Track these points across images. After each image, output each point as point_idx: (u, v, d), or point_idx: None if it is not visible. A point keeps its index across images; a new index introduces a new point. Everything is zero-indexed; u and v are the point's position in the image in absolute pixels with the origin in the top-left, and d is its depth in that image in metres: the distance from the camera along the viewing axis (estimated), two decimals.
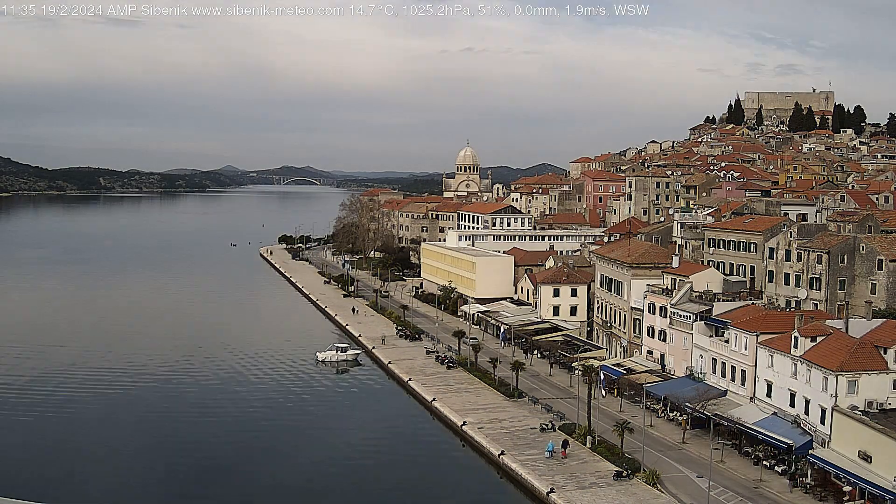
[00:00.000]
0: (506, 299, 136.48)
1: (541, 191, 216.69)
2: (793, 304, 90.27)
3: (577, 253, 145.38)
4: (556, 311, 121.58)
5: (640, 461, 69.19)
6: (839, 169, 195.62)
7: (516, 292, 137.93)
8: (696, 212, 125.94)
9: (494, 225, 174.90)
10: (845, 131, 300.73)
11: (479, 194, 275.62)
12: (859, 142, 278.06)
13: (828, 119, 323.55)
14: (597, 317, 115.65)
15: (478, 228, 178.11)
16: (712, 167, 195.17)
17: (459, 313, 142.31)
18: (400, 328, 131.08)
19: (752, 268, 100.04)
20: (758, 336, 75.32)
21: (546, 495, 64.82)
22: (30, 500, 20.44)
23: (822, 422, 65.47)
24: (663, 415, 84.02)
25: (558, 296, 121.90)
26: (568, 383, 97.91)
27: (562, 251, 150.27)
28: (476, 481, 71.83)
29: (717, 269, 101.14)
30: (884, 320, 73.57)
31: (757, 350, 75.21)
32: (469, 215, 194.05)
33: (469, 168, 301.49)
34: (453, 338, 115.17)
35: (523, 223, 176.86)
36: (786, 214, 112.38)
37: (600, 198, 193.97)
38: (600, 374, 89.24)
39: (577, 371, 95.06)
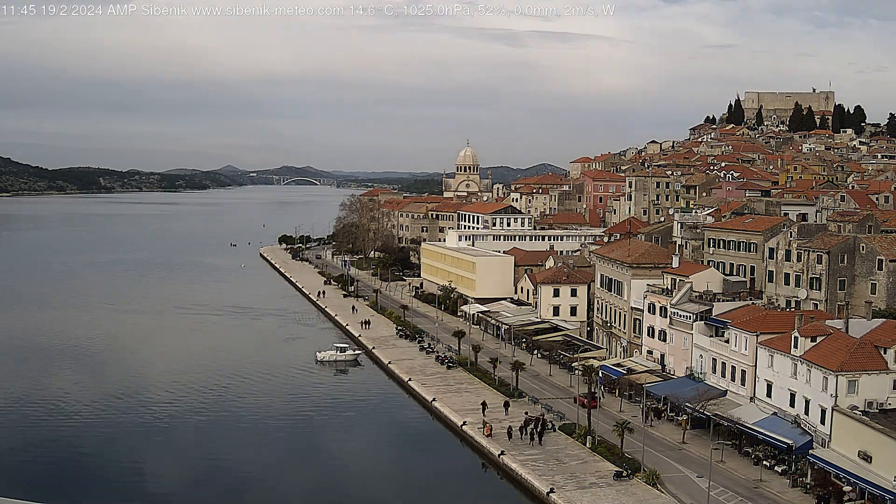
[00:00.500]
0: (506, 299, 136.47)
1: (541, 191, 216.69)
2: (793, 304, 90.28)
3: (577, 253, 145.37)
4: (556, 311, 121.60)
5: (640, 461, 69.22)
6: (839, 169, 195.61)
7: (516, 292, 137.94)
8: (696, 212, 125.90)
9: (494, 225, 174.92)
10: (845, 131, 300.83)
11: (479, 194, 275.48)
12: (859, 142, 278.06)
13: (828, 119, 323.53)
14: (597, 317, 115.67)
15: (478, 228, 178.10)
16: (712, 167, 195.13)
17: (459, 313, 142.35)
18: (400, 328, 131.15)
19: (752, 268, 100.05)
20: (758, 336, 75.32)
21: (546, 495, 64.84)
22: (30, 501, 20.38)
23: (822, 422, 65.47)
24: (663, 415, 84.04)
25: (558, 296, 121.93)
26: (568, 383, 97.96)
27: (562, 251, 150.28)
28: (476, 481, 71.82)
29: (717, 269, 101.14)
30: (884, 320, 73.55)
31: (757, 350, 75.21)
32: (469, 215, 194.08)
33: (469, 168, 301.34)
34: (453, 338, 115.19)
35: (523, 223, 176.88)
36: (786, 214, 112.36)
37: (600, 198, 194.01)
38: (600, 375, 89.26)
39: (577, 371, 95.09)
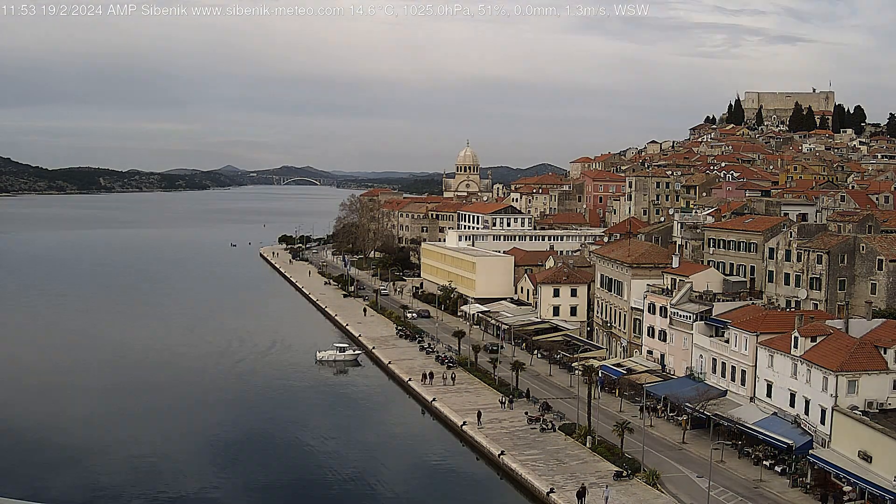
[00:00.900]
0: (506, 299, 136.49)
1: (541, 191, 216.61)
2: (793, 304, 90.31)
3: (577, 253, 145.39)
4: (556, 311, 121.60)
5: (640, 461, 69.23)
6: (839, 169, 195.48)
7: (516, 292, 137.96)
8: (696, 212, 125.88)
9: (494, 225, 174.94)
10: (845, 131, 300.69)
11: (479, 194, 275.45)
12: (859, 142, 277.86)
13: (828, 119, 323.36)
14: (597, 317, 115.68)
15: (478, 228, 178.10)
16: (712, 167, 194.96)
17: (459, 313, 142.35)
18: (400, 328, 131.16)
19: (752, 268, 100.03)
20: (758, 336, 75.33)
21: (546, 495, 64.85)
22: (30, 501, 20.39)
23: (822, 422, 65.48)
24: (662, 415, 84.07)
25: (558, 296, 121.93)
26: (568, 383, 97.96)
27: (562, 251, 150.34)
28: (476, 481, 71.82)
29: (717, 269, 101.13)
30: (884, 320, 73.55)
31: (757, 350, 75.22)
32: (469, 215, 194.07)
33: (469, 168, 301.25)
34: (453, 338, 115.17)
35: (523, 223, 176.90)
36: (786, 214, 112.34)
37: (600, 198, 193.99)
38: (600, 374, 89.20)
39: (577, 371, 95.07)
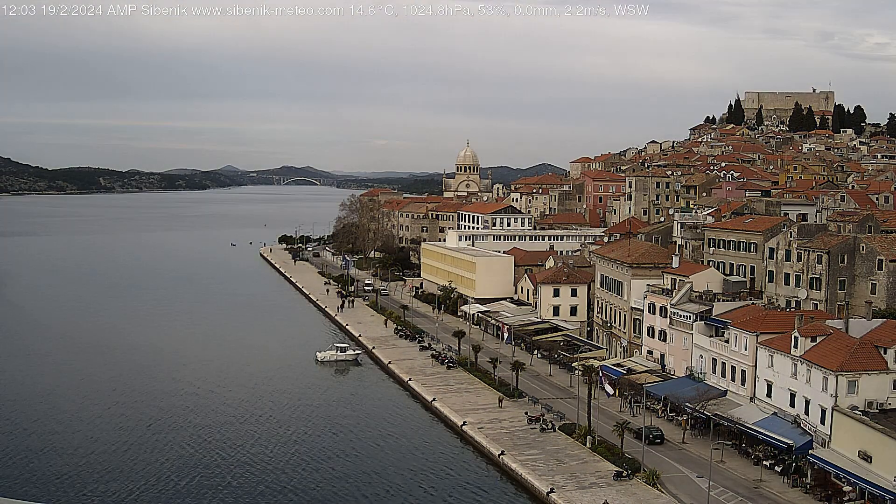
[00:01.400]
0: (506, 299, 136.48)
1: (541, 191, 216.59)
2: (793, 304, 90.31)
3: (577, 253, 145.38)
4: (556, 311, 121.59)
5: (641, 461, 69.23)
6: (839, 169, 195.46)
7: (516, 292, 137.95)
8: (696, 212, 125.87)
9: (494, 225, 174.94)
10: (845, 131, 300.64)
11: (479, 194, 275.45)
12: (859, 142, 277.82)
13: (828, 119, 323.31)
14: (597, 317, 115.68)
15: (478, 228, 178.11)
16: (712, 167, 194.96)
17: (459, 313, 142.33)
18: (400, 328, 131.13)
19: (752, 268, 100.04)
20: (758, 336, 75.34)
21: (546, 495, 64.86)
22: (30, 500, 20.45)
23: (822, 422, 65.50)
24: (663, 415, 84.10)
25: (558, 296, 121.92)
26: (568, 383, 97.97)
27: (562, 251, 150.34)
28: (476, 481, 71.81)
29: (717, 269, 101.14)
30: (884, 320, 73.57)
31: (757, 350, 75.23)
32: (469, 215, 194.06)
33: (469, 168, 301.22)
34: (453, 338, 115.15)
35: (523, 223, 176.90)
36: (786, 214, 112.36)
37: (600, 198, 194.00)
38: (599, 374, 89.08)
39: (577, 371, 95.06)
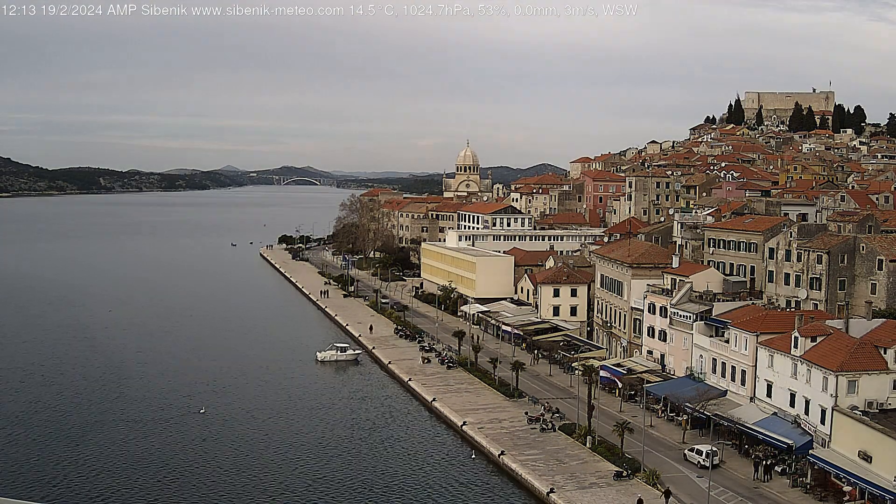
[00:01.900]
0: (506, 299, 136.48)
1: (541, 191, 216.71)
2: (793, 304, 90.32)
3: (577, 253, 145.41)
4: (556, 311, 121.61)
5: (640, 461, 69.22)
6: (839, 169, 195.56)
7: (516, 292, 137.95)
8: (696, 212, 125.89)
9: (494, 225, 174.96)
10: (845, 131, 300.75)
11: (479, 194, 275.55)
12: (859, 142, 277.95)
13: (828, 119, 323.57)
14: (597, 317, 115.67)
15: (478, 228, 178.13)
16: (712, 167, 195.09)
17: (459, 313, 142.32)
18: (400, 328, 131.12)
19: (752, 268, 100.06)
20: (758, 336, 75.33)
21: (546, 495, 64.85)
22: (30, 500, 20.42)
23: (822, 422, 65.48)
24: (663, 415, 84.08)
25: (558, 296, 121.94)
26: (568, 383, 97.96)
27: (562, 251, 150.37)
28: (476, 481, 71.77)
29: (717, 269, 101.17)
30: (884, 320, 73.56)
31: (757, 350, 75.22)
32: (469, 215, 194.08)
33: (469, 168, 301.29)
34: (453, 338, 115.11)
35: (523, 223, 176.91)
36: (786, 214, 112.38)
37: (600, 198, 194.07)
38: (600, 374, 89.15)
39: (577, 371, 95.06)
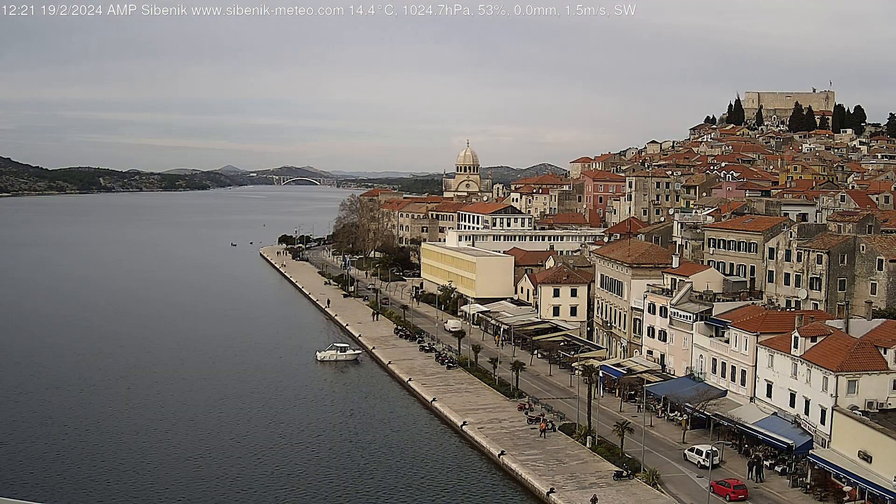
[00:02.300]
0: (506, 299, 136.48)
1: (541, 191, 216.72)
2: (793, 304, 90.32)
3: (577, 253, 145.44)
4: (556, 311, 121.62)
5: (640, 461, 69.21)
6: (839, 169, 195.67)
7: (516, 292, 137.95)
8: (696, 212, 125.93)
9: (494, 225, 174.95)
10: (845, 131, 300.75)
11: (479, 194, 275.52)
12: (859, 142, 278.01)
13: (828, 119, 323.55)
14: (597, 317, 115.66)
15: (478, 228, 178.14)
16: (712, 167, 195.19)
17: (459, 313, 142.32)
18: (399, 328, 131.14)
19: (752, 268, 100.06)
20: (758, 336, 75.31)
21: (546, 495, 64.85)
22: (30, 500, 20.43)
23: (822, 422, 65.46)
24: (663, 415, 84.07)
25: (558, 296, 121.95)
26: (568, 383, 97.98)
27: (562, 251, 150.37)
28: (476, 481, 71.80)
29: (717, 269, 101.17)
30: (884, 320, 73.57)
31: (757, 350, 75.21)
32: (469, 215, 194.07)
33: (469, 168, 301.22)
34: (453, 338, 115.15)
35: (523, 223, 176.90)
36: (786, 214, 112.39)
37: (600, 198, 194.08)
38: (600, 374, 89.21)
39: (577, 371, 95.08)
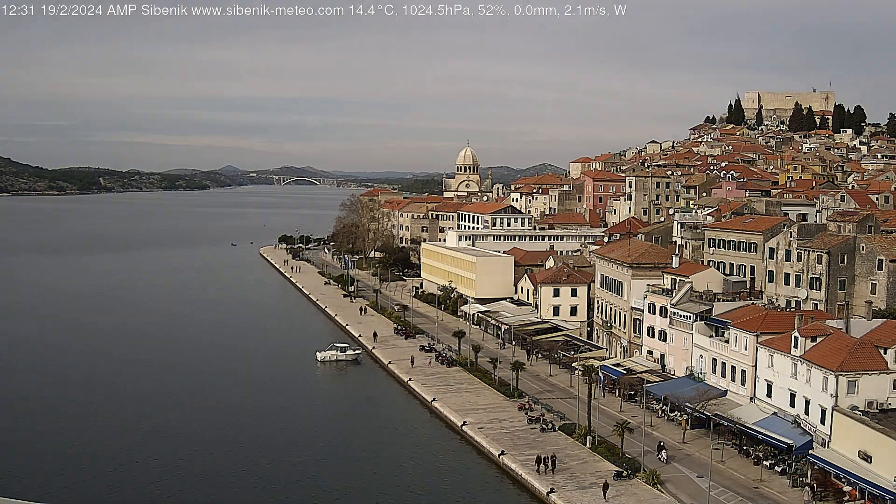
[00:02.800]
0: (506, 299, 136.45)
1: (541, 191, 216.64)
2: (793, 304, 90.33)
3: (577, 253, 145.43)
4: (556, 311, 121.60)
5: (640, 461, 69.22)
6: (839, 169, 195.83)
7: (516, 292, 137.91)
8: (696, 212, 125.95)
9: (494, 225, 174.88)
10: (845, 131, 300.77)
11: (479, 194, 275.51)
12: (859, 142, 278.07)
13: (828, 119, 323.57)
14: (597, 317, 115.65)
15: (478, 228, 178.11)
16: (712, 167, 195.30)
17: (459, 313, 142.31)
18: (400, 328, 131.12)
19: (752, 268, 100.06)
20: (758, 336, 75.31)
21: (546, 495, 64.86)
22: (30, 500, 20.38)
23: (822, 422, 65.47)
24: (663, 415, 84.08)
25: (558, 296, 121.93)
26: (568, 383, 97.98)
27: (562, 251, 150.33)
28: (476, 481, 71.81)
29: (717, 269, 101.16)
30: (884, 320, 73.57)
31: (757, 350, 75.21)
32: (469, 215, 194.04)
33: (469, 168, 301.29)
34: (453, 338, 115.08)
35: (523, 223, 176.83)
36: (786, 214, 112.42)
37: (600, 198, 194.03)
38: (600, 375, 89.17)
39: (577, 371, 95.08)
